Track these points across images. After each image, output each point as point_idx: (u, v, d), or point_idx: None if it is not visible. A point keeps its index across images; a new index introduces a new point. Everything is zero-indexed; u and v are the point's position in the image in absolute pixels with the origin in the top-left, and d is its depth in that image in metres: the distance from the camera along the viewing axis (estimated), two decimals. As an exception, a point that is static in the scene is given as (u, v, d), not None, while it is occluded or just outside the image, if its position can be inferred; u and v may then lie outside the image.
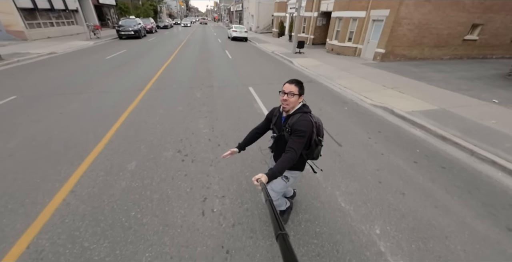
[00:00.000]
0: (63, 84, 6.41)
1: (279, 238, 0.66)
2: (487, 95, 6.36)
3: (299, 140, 1.54)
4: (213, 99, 5.66)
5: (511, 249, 2.14)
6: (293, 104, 1.62)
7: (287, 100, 1.58)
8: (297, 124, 1.56)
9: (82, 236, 2.04)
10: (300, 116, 1.59)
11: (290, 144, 1.54)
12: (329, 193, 2.75)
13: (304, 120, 1.57)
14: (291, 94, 1.57)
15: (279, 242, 0.65)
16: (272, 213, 0.80)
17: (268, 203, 0.89)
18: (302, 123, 1.56)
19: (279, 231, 0.68)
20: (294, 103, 1.61)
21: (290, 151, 1.51)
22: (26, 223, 2.14)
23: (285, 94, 1.58)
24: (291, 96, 1.57)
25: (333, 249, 2.06)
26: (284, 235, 0.66)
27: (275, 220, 0.74)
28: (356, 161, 3.42)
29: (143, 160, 3.16)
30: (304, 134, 1.55)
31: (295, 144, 1.53)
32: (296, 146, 1.52)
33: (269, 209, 0.84)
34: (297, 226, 2.29)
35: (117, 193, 2.56)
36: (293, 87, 1.58)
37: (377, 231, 2.27)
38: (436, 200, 2.71)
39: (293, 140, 1.54)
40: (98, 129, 3.91)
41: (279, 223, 0.72)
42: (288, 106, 1.62)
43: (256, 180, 1.30)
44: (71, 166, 2.96)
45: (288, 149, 1.53)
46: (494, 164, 3.42)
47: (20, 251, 1.88)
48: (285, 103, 1.61)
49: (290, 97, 1.57)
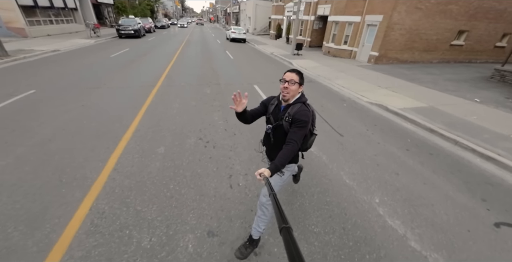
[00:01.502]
0: (76, 79, 6.69)
1: (282, 231, 0.65)
2: (470, 95, 7.01)
3: (300, 131, 1.52)
4: (223, 95, 6.07)
5: (483, 213, 2.64)
6: (293, 93, 1.58)
7: (288, 88, 1.56)
8: (299, 114, 1.54)
9: (133, 202, 2.43)
10: (301, 106, 1.58)
11: (291, 135, 1.52)
12: (335, 172, 3.21)
13: (305, 110, 1.56)
14: (292, 82, 1.55)
15: (283, 235, 0.64)
16: (276, 207, 0.79)
17: (272, 196, 0.89)
18: (304, 114, 1.54)
19: (283, 224, 0.67)
20: (294, 92, 1.58)
21: (292, 142, 1.49)
22: (83, 192, 2.51)
23: (286, 82, 1.56)
24: (291, 84, 1.55)
25: (342, 213, 2.51)
26: (288, 228, 0.65)
27: (279, 214, 0.74)
28: (356, 148, 3.90)
29: (170, 146, 3.55)
30: (306, 124, 1.54)
31: (296, 135, 1.51)
32: (297, 137, 1.51)
33: (273, 203, 0.84)
34: (310, 197, 2.73)
35: (154, 171, 2.94)
36: (294, 76, 1.56)
37: (376, 200, 2.73)
38: (424, 179, 3.21)
39: (294, 131, 1.52)
40: (123, 120, 4.27)
41: (283, 216, 0.72)
42: (289, 95, 1.58)
43: (259, 175, 1.29)
44: (108, 149, 3.32)
45: (289, 140, 1.51)
46: (474, 151, 3.96)
47: (85, 212, 2.25)
48: (285, 91, 1.57)
49: (291, 85, 1.55)
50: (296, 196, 2.72)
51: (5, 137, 3.50)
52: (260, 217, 1.87)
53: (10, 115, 4.21)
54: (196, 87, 6.70)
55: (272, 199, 0.88)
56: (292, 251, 0.57)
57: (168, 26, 37.40)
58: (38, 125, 3.92)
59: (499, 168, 3.58)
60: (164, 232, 2.12)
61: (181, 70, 8.75)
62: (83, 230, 2.08)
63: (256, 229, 1.91)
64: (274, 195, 0.89)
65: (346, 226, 2.34)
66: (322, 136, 4.23)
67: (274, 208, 0.80)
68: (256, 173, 1.30)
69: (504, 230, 2.44)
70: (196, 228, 2.18)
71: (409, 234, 2.30)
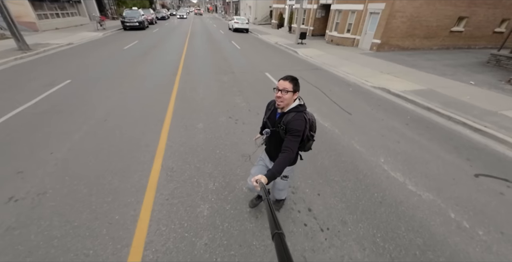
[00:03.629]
0: (102, 70, 7.26)
1: (275, 237, 0.65)
2: (466, 79, 7.58)
3: (295, 139, 1.57)
4: (239, 82, 6.66)
5: (467, 167, 3.32)
6: (287, 101, 1.60)
7: (281, 97, 1.57)
8: (292, 124, 1.57)
9: (192, 162, 3.11)
10: (295, 116, 1.60)
11: (287, 143, 1.57)
12: (347, 141, 3.87)
13: (299, 120, 1.59)
14: (285, 91, 1.55)
15: (275, 241, 0.64)
16: (269, 212, 0.80)
17: (266, 202, 0.89)
18: (297, 123, 1.58)
19: (276, 230, 0.68)
20: (288, 100, 1.59)
21: (287, 150, 1.54)
22: (151, 155, 3.18)
23: (279, 91, 1.57)
24: (285, 93, 1.56)
25: (355, 168, 3.19)
26: (281, 234, 0.66)
27: (272, 219, 0.74)
28: (363, 123, 4.54)
29: (206, 122, 4.20)
30: (299, 133, 1.59)
31: (291, 143, 1.56)
32: (292, 145, 1.56)
33: (267, 208, 0.84)
34: (329, 158, 3.40)
35: (200, 141, 3.61)
36: (287, 84, 1.56)
37: (381, 160, 3.41)
38: (421, 145, 3.87)
39: (289, 139, 1.57)
40: (160, 103, 4.90)
41: (276, 222, 0.72)
42: (283, 103, 1.60)
43: (256, 181, 1.30)
44: (157, 125, 3.98)
45: (284, 148, 1.56)
46: (464, 124, 4.61)
47: (159, 168, 2.94)
48: (279, 100, 1.59)
49: (284, 94, 1.56)
50: (317, 158, 3.39)
51: (67, 118, 4.15)
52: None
53: (62, 101, 4.83)
54: (213, 75, 7.27)
55: (266, 204, 0.88)
56: (284, 257, 0.57)
57: (168, 17, 37.23)
58: (90, 109, 4.55)
59: (484, 137, 4.24)
60: (222, 180, 2.81)
61: (195, 60, 9.27)
62: (162, 179, 2.77)
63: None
64: (268, 200, 0.90)
65: (359, 176, 3.03)
66: (333, 114, 4.87)
67: (267, 213, 0.81)
68: (252, 179, 1.33)
69: (481, 178, 3.12)
70: (245, 177, 2.86)
71: (407, 181, 2.99)
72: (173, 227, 2.17)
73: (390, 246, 2.12)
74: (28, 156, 3.08)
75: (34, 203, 2.35)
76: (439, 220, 2.42)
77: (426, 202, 2.67)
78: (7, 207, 2.29)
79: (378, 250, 2.08)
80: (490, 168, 3.34)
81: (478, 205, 2.66)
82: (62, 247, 1.94)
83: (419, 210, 2.54)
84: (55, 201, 2.38)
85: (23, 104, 4.58)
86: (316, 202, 2.59)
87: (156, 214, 2.29)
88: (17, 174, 2.74)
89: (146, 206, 2.38)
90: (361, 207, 2.54)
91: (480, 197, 2.78)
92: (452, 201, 2.70)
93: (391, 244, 2.14)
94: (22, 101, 4.71)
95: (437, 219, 2.44)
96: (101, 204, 2.37)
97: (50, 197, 2.44)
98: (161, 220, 2.24)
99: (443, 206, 2.62)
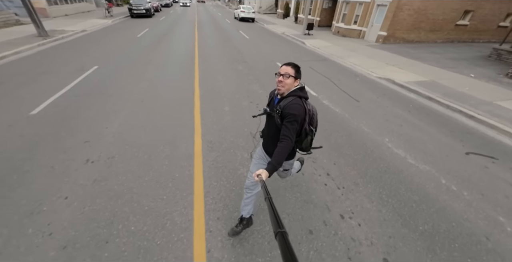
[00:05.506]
0: (123, 57, 7.68)
1: (278, 236, 0.65)
2: (467, 72, 8.02)
3: (291, 125, 1.52)
4: (253, 71, 7.11)
5: (459, 147, 3.88)
6: (288, 87, 1.59)
7: (283, 82, 1.57)
8: (288, 108, 1.53)
9: (226, 136, 3.66)
10: (293, 100, 1.57)
11: (283, 131, 1.53)
12: (356, 124, 4.41)
13: (296, 104, 1.55)
14: (287, 75, 1.56)
15: (278, 240, 0.64)
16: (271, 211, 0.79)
17: (268, 201, 0.88)
18: (293, 107, 1.53)
19: (278, 229, 0.67)
20: (289, 85, 1.59)
21: (285, 139, 1.51)
22: (190, 131, 3.74)
23: (281, 76, 1.57)
24: (286, 78, 1.56)
25: (364, 145, 3.75)
26: (284, 233, 0.65)
27: (274, 218, 0.74)
28: (370, 109, 5.07)
29: (231, 106, 4.72)
30: (295, 117, 1.52)
31: (288, 130, 1.52)
32: (289, 132, 1.51)
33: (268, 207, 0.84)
34: (341, 137, 3.95)
35: (229, 121, 4.15)
36: (289, 69, 1.57)
37: (386, 139, 3.96)
38: (421, 129, 4.41)
39: (286, 127, 1.53)
40: (186, 88, 5.41)
41: (278, 221, 0.71)
42: (283, 88, 1.59)
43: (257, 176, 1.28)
44: (188, 108, 4.50)
45: (282, 137, 1.52)
46: (461, 112, 5.13)
47: (200, 141, 3.50)
48: (280, 85, 1.59)
49: (285, 79, 1.56)
50: (331, 137, 3.94)
51: (107, 99, 4.67)
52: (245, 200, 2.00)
53: (97, 85, 5.34)
54: (228, 64, 7.71)
55: (267, 203, 0.87)
56: (288, 255, 0.56)
57: (171, 4, 36.83)
58: (125, 92, 5.05)
59: (477, 123, 4.77)
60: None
61: (208, 49, 9.65)
62: (205, 149, 3.33)
63: (244, 209, 2.05)
64: (270, 199, 0.89)
65: (367, 151, 3.59)
66: (343, 101, 5.39)
67: (269, 212, 0.80)
68: (253, 174, 1.31)
69: (471, 156, 3.69)
70: (273, 150, 3.42)
71: (408, 156, 3.55)
72: (222, 183, 2.75)
73: (392, 200, 2.71)
74: (87, 129, 3.62)
75: (107, 164, 2.92)
76: (432, 184, 3.00)
77: (423, 171, 3.24)
78: (87, 166, 2.86)
79: (383, 202, 2.67)
80: (479, 148, 3.90)
81: (466, 175, 3.23)
82: (141, 194, 2.52)
83: (417, 177, 3.12)
84: (123, 163, 2.95)
85: (65, 87, 5.09)
86: (333, 169, 3.16)
87: (207, 174, 2.86)
88: (84, 143, 3.30)
89: (197, 168, 2.95)
90: (369, 174, 3.12)
91: (468, 169, 3.36)
92: (444, 171, 3.27)
93: (393, 199, 2.72)
94: (62, 85, 5.20)
95: (431, 184, 3.01)
96: (161, 166, 2.94)
97: (118, 160, 3.00)
98: (211, 178, 2.81)
99: (437, 175, 3.19)
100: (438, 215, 2.54)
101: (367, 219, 2.44)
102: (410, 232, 2.33)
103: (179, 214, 2.32)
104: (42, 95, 4.68)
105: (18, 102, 4.39)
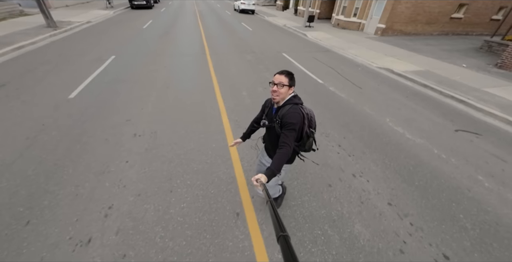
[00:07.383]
0: (136, 47, 8.01)
1: (280, 239, 0.65)
2: (460, 62, 8.59)
3: (290, 133, 1.55)
4: (262, 61, 7.55)
5: (449, 125, 4.47)
6: (283, 96, 1.61)
7: (277, 91, 1.58)
8: (287, 117, 1.57)
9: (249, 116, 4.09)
10: (290, 108, 1.60)
11: (283, 138, 1.56)
12: (360, 107, 4.95)
13: (294, 112, 1.58)
14: (281, 85, 1.57)
15: (280, 243, 0.64)
16: (273, 215, 0.79)
17: (269, 204, 0.88)
18: (292, 116, 1.56)
19: (281, 232, 0.67)
20: (284, 94, 1.61)
21: (284, 146, 1.53)
22: (217, 112, 4.23)
23: (275, 85, 1.59)
24: (280, 87, 1.57)
25: (368, 124, 4.30)
26: (286, 236, 0.65)
27: (277, 222, 0.74)
28: (371, 95, 5.61)
29: (248, 91, 5.21)
30: (294, 126, 1.56)
31: (287, 138, 1.55)
32: (288, 140, 1.54)
33: (270, 211, 0.84)
34: (348, 117, 4.49)
35: (249, 104, 4.64)
36: (283, 78, 1.58)
37: (387, 119, 4.52)
38: (417, 111, 4.98)
39: (285, 134, 1.56)
40: (204, 76, 5.85)
41: (280, 224, 0.72)
42: (278, 98, 1.61)
43: (256, 181, 1.29)
44: (210, 93, 4.97)
45: (281, 144, 1.55)
46: (452, 97, 5.72)
47: (227, 120, 4.00)
48: (274, 94, 1.61)
49: (279, 88, 1.58)
50: (339, 117, 4.47)
51: (133, 86, 5.10)
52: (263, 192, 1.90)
53: (120, 73, 5.74)
54: (238, 54, 8.12)
55: (269, 206, 0.87)
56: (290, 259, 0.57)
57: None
58: (148, 80, 5.48)
59: (467, 107, 5.37)
60: (275, 128, 3.89)
61: (215, 40, 10.00)
62: (233, 125, 3.84)
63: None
64: (271, 202, 0.89)
65: (371, 128, 4.15)
66: (347, 88, 5.91)
67: (271, 216, 0.80)
68: (252, 178, 1.32)
69: (459, 132, 4.28)
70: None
71: (405, 132, 4.12)
72: (253, 151, 3.28)
73: (393, 164, 3.28)
74: (125, 110, 4.09)
75: (152, 137, 3.41)
76: (426, 153, 3.58)
77: (419, 144, 3.82)
78: (136, 139, 3.35)
79: (386, 166, 3.24)
80: (467, 126, 4.49)
81: (454, 147, 3.82)
82: (188, 159, 3.04)
83: (413, 148, 3.69)
84: (166, 136, 3.45)
85: (90, 75, 5.49)
86: (343, 141, 3.72)
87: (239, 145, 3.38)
88: (126, 121, 3.77)
89: (230, 140, 3.47)
90: (374, 145, 3.68)
91: (456, 142, 3.95)
92: (436, 144, 3.86)
93: (394, 163, 3.30)
94: (87, 73, 5.59)
95: (425, 153, 3.59)
96: (199, 139, 3.45)
97: (161, 134, 3.50)
98: (243, 148, 3.33)
99: (430, 146, 3.77)
100: (431, 175, 3.13)
101: (374, 177, 3.02)
102: (408, 186, 2.91)
103: (223, 173, 2.85)
104: (72, 82, 5.08)
105: (52, 88, 4.79)
